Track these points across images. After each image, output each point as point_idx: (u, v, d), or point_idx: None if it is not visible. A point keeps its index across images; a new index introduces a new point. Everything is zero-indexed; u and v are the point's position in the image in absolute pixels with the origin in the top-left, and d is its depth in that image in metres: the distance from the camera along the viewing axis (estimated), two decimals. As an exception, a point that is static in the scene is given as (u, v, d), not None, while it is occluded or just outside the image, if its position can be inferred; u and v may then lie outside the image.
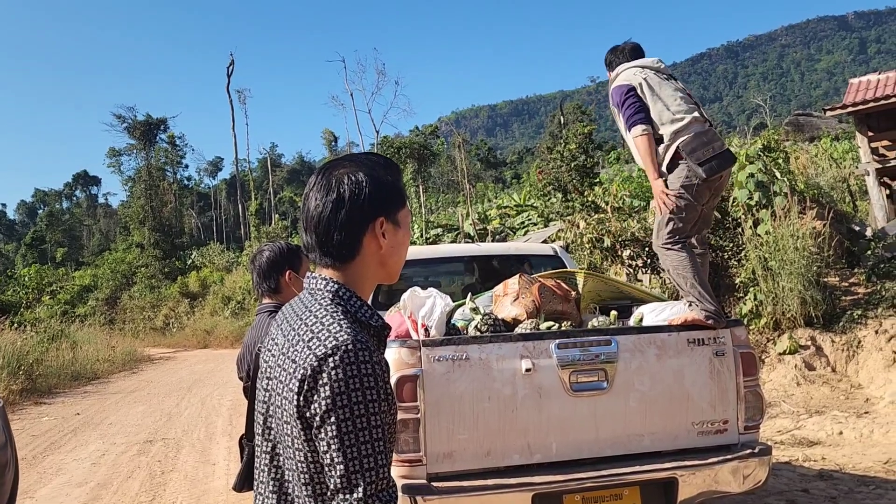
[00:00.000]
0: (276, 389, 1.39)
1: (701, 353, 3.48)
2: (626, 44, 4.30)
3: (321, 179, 1.48)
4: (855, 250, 10.59)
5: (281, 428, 1.38)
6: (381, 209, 1.47)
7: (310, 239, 1.48)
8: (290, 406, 1.33)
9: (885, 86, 15.92)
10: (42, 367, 14.95)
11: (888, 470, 5.52)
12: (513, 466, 3.26)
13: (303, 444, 1.33)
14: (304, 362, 1.32)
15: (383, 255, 1.49)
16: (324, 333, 1.35)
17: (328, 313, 1.40)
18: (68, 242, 73.02)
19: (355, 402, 1.30)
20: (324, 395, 1.29)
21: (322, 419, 1.29)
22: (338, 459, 1.28)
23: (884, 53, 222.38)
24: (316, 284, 1.47)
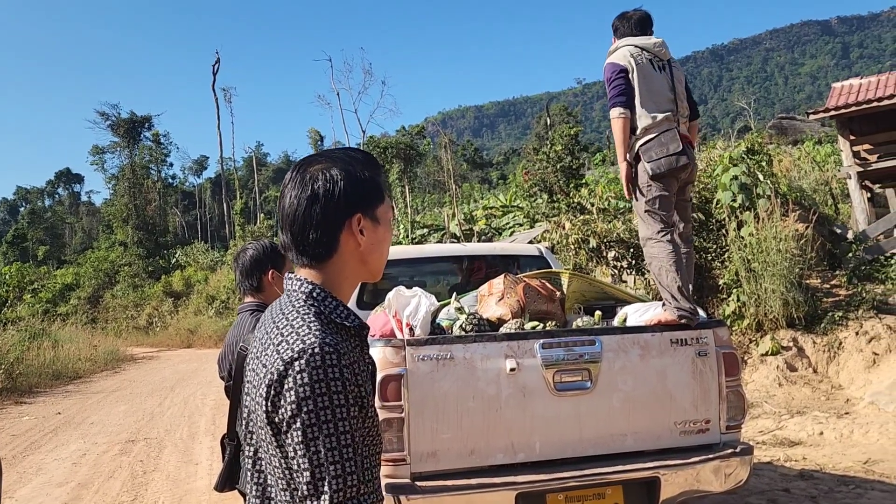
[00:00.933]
0: (252, 394, 1.36)
1: (684, 353, 3.50)
2: (635, 12, 4.30)
3: (296, 176, 1.44)
4: (836, 253, 10.70)
5: (258, 432, 1.35)
6: (358, 205, 1.43)
7: (286, 238, 1.44)
8: (261, 411, 1.30)
9: (868, 90, 16.10)
10: (23, 366, 14.80)
11: (867, 470, 5.58)
12: (496, 466, 3.26)
13: (276, 449, 1.30)
14: (272, 367, 1.29)
15: (363, 252, 1.46)
16: (292, 337, 1.32)
17: (299, 315, 1.37)
18: (50, 240, 72.23)
19: (321, 408, 1.26)
20: (289, 400, 1.26)
21: (288, 424, 1.26)
22: (304, 465, 1.25)
23: (866, 58, 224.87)
24: (292, 286, 1.44)
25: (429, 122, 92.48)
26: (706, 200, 10.36)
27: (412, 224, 22.61)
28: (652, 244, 3.91)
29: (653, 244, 3.91)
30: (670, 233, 3.93)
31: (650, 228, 3.92)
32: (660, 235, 3.89)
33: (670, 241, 3.88)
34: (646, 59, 4.05)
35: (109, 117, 55.11)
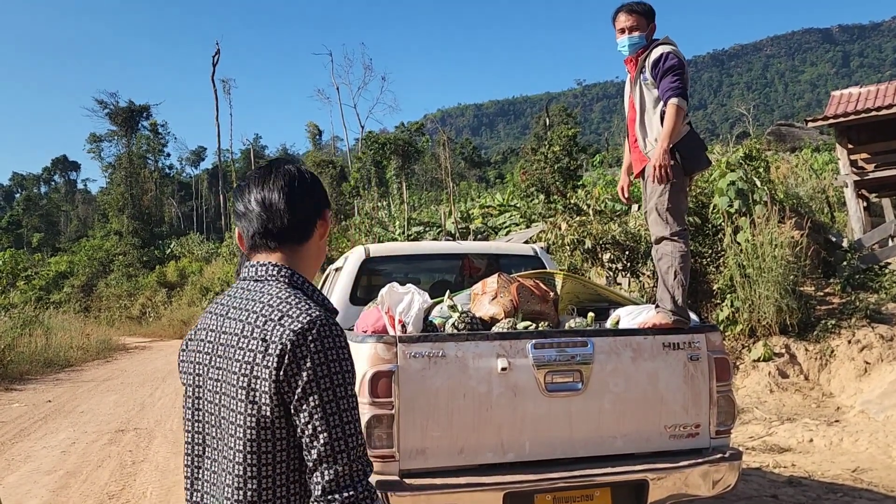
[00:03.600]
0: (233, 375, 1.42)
1: (676, 356, 3.50)
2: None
3: (272, 171, 1.57)
4: (831, 260, 10.72)
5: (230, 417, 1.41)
6: (327, 201, 1.62)
7: (259, 224, 1.54)
8: (265, 384, 1.36)
9: (867, 99, 16.13)
10: (14, 353, 14.75)
11: (856, 478, 5.59)
12: (486, 465, 3.26)
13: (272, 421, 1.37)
14: (282, 338, 1.36)
15: (321, 245, 1.62)
16: (295, 311, 1.40)
17: (291, 294, 1.46)
18: (45, 228, 72.02)
19: (335, 373, 1.36)
20: (305, 368, 1.34)
21: (304, 391, 1.34)
22: (321, 428, 1.33)
23: (866, 67, 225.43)
24: (267, 271, 1.52)
25: (428, 119, 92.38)
26: (703, 205, 10.36)
27: (408, 221, 22.58)
28: (667, 243, 3.92)
29: (667, 243, 3.91)
30: (686, 234, 3.94)
31: (667, 228, 3.90)
32: (677, 236, 3.89)
33: (686, 242, 3.90)
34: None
35: (107, 105, 54.95)
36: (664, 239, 3.92)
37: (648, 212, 4.05)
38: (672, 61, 3.92)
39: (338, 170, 40.86)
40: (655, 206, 3.95)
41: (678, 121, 3.84)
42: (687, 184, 4.07)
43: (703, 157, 4.07)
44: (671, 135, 3.83)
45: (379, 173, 36.78)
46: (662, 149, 3.82)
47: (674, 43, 4.08)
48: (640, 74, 4.10)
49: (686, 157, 3.92)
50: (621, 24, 4.17)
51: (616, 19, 4.21)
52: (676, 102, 3.83)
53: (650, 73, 4.01)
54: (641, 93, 4.10)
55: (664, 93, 3.90)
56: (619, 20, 4.19)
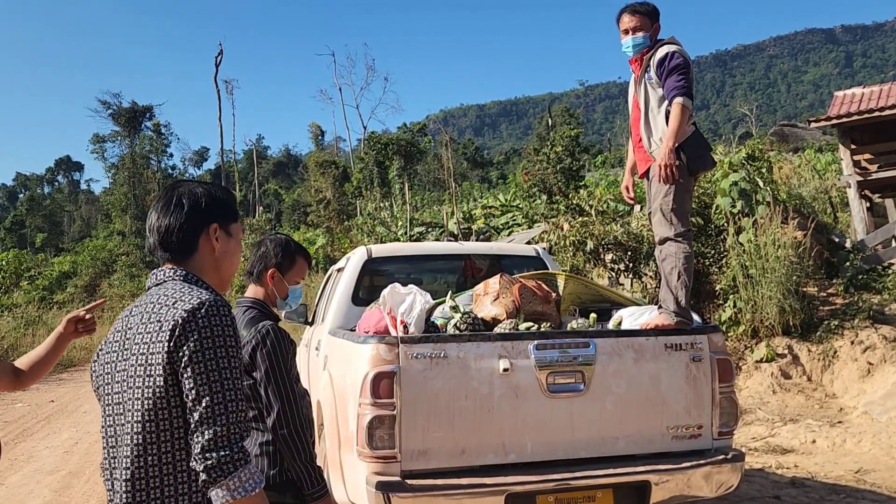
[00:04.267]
0: (134, 360, 1.59)
1: (678, 357, 3.49)
2: None
3: (168, 191, 1.80)
4: (834, 261, 10.69)
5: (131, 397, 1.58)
6: (215, 217, 1.79)
7: (154, 239, 1.76)
8: (159, 356, 1.54)
9: (870, 100, 16.10)
10: (17, 353, 14.77)
11: (859, 479, 5.58)
12: (487, 466, 3.26)
13: (166, 389, 1.54)
14: (174, 317, 1.56)
15: (217, 258, 1.79)
16: (187, 296, 1.61)
17: (185, 286, 1.66)
18: (48, 228, 72.00)
19: (219, 346, 1.55)
20: (193, 339, 1.53)
21: (190, 359, 1.52)
22: (203, 393, 1.51)
23: (869, 68, 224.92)
24: (165, 274, 1.73)
25: (430, 119, 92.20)
26: (705, 205, 10.34)
27: (411, 221, 22.58)
28: (671, 243, 3.90)
29: (671, 244, 3.90)
30: (690, 235, 3.92)
31: (671, 228, 3.89)
32: (681, 237, 3.88)
33: (689, 243, 3.89)
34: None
35: (111, 106, 54.99)
36: (668, 240, 3.91)
37: (653, 212, 4.03)
38: (677, 60, 3.91)
39: (340, 170, 40.81)
40: (660, 206, 3.92)
41: (684, 120, 3.82)
42: (692, 184, 4.06)
43: (708, 157, 4.06)
44: (676, 134, 3.81)
45: (381, 174, 36.80)
46: (668, 148, 3.80)
47: (679, 43, 4.06)
48: (644, 74, 4.08)
49: (691, 157, 3.91)
50: (625, 25, 4.16)
51: (620, 20, 4.20)
52: (682, 102, 3.81)
53: (655, 72, 3.99)
54: (646, 92, 4.08)
55: (669, 92, 3.89)
56: (623, 21, 4.18)
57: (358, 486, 3.20)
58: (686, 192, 3.95)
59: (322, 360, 4.41)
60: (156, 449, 1.55)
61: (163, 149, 64.08)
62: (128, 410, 1.59)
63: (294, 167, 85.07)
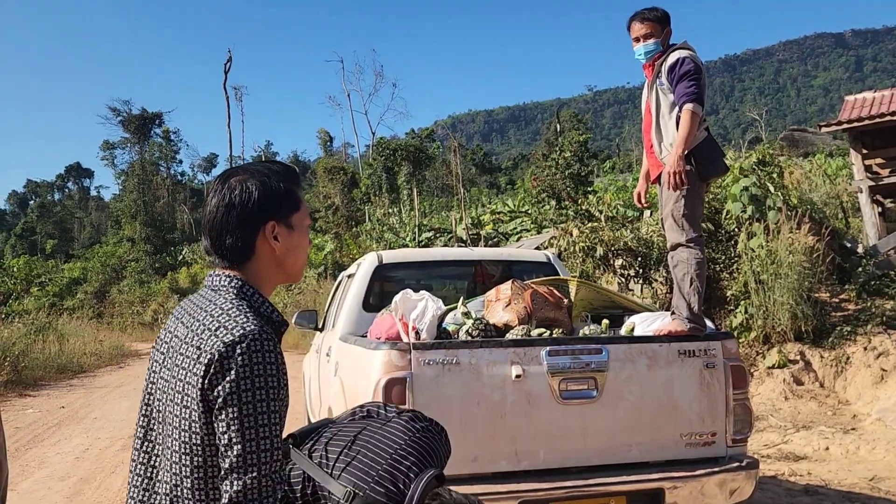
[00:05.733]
0: (174, 378, 1.47)
1: (691, 364, 3.47)
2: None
3: (217, 185, 1.59)
4: (846, 267, 10.62)
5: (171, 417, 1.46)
6: (272, 214, 1.57)
7: (207, 242, 1.59)
8: (194, 390, 1.41)
9: (881, 104, 16.00)
10: (28, 359, 14.85)
11: (873, 487, 5.53)
12: (500, 473, 3.24)
13: (200, 427, 1.41)
14: (212, 348, 1.41)
15: (279, 257, 1.60)
16: (230, 323, 1.44)
17: (234, 306, 1.49)
18: (59, 234, 72.43)
19: (258, 388, 1.39)
20: (229, 379, 1.38)
21: (225, 401, 1.38)
22: (236, 440, 1.36)
23: (880, 72, 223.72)
24: (220, 281, 1.56)
25: (439, 125, 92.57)
26: (716, 211, 10.31)
27: (419, 227, 22.60)
28: (682, 249, 3.87)
29: (683, 249, 3.87)
30: (701, 241, 3.90)
31: (683, 234, 3.86)
32: (692, 243, 3.86)
33: (701, 249, 3.86)
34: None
35: (120, 113, 55.33)
36: (680, 245, 3.89)
37: (664, 218, 4.01)
38: (688, 66, 3.89)
39: (349, 176, 40.91)
40: (671, 212, 3.90)
41: (693, 126, 3.80)
42: (703, 190, 4.04)
43: (720, 163, 4.03)
44: (686, 140, 3.79)
45: (390, 179, 36.86)
46: (677, 154, 3.78)
47: (692, 48, 4.05)
48: (656, 79, 4.06)
49: (702, 163, 3.89)
50: (636, 32, 4.15)
51: (631, 28, 4.19)
52: (691, 108, 3.79)
53: (666, 77, 3.98)
54: (658, 97, 4.06)
55: (679, 98, 3.87)
56: (634, 29, 4.17)
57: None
58: (697, 198, 3.93)
59: (333, 366, 4.40)
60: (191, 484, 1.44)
61: (172, 155, 64.48)
62: (168, 435, 1.48)
63: (303, 173, 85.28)
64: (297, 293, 25.11)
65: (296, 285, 26.17)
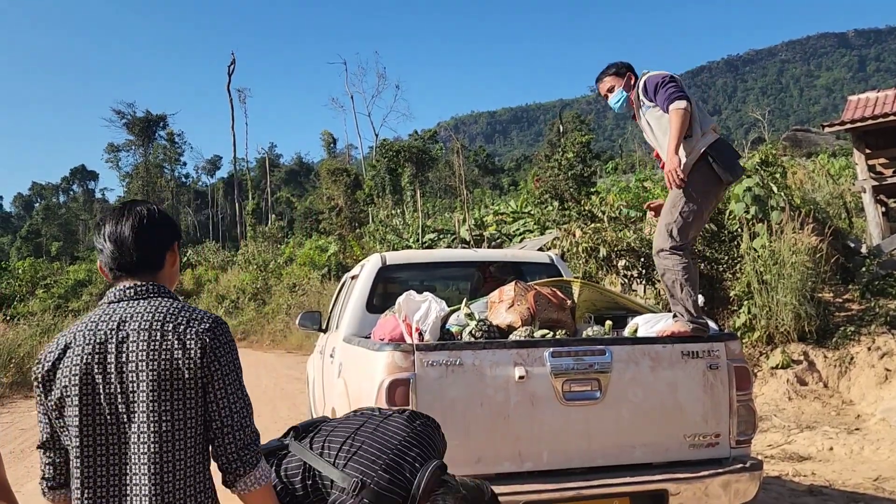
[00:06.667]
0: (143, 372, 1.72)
1: (695, 365, 3.47)
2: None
3: (128, 210, 1.88)
4: (850, 267, 10.61)
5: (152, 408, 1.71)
6: (176, 235, 1.97)
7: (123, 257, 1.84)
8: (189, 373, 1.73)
9: (884, 104, 15.97)
10: (33, 361, 14.79)
11: (877, 487, 5.52)
12: (503, 474, 3.25)
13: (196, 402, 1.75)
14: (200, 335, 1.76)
15: (174, 271, 1.97)
16: (196, 314, 1.81)
17: (180, 302, 1.84)
18: (64, 236, 72.64)
19: (235, 360, 1.82)
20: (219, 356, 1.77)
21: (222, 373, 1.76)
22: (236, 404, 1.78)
23: (883, 71, 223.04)
24: (146, 290, 1.84)
25: (441, 126, 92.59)
26: (719, 211, 10.30)
27: (422, 228, 22.61)
28: (665, 255, 3.87)
29: (666, 256, 3.86)
30: (687, 248, 3.89)
31: (668, 241, 3.86)
32: (675, 248, 3.84)
33: (686, 254, 3.85)
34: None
35: (125, 116, 55.62)
36: (662, 251, 3.89)
37: (659, 221, 4.04)
38: (657, 79, 3.99)
39: (352, 178, 40.91)
40: (667, 219, 3.92)
41: (683, 122, 3.81)
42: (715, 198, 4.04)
43: (737, 165, 4.02)
44: (678, 137, 3.81)
45: (393, 181, 36.88)
46: (670, 151, 3.81)
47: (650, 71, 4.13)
48: (640, 108, 4.16)
49: (721, 163, 3.88)
50: (602, 91, 4.37)
51: (599, 88, 4.40)
52: (676, 106, 3.83)
53: (645, 98, 4.08)
54: (649, 122, 4.14)
55: (663, 104, 3.92)
56: (600, 88, 4.39)
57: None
58: (700, 207, 3.88)
59: (337, 367, 4.41)
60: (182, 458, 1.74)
61: (176, 157, 64.71)
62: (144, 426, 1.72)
63: (306, 175, 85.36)
64: (300, 295, 25.16)
65: (299, 287, 26.22)
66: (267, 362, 19.30)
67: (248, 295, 30.12)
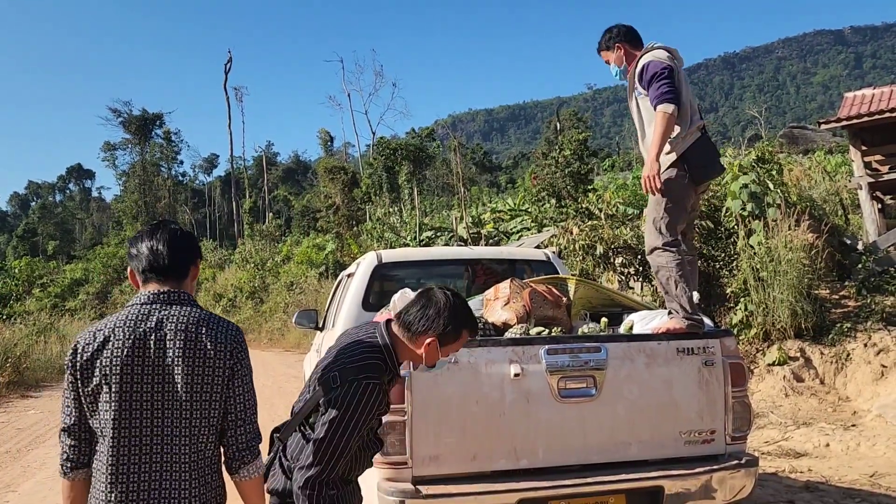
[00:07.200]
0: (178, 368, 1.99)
1: (690, 362, 3.47)
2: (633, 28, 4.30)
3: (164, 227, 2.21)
4: (846, 263, 10.62)
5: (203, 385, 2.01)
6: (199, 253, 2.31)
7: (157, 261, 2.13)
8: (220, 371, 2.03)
9: (880, 100, 15.98)
10: (30, 360, 14.87)
11: (874, 483, 5.54)
12: (499, 471, 3.24)
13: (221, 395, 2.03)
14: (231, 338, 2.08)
15: (193, 284, 2.26)
16: (224, 321, 2.12)
17: (206, 311, 2.13)
18: (60, 235, 72.49)
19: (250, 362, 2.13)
20: (240, 356, 2.08)
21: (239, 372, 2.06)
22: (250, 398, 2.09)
23: (879, 68, 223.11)
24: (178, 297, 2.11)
25: (439, 124, 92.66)
26: (715, 208, 10.30)
27: (420, 226, 22.60)
28: (659, 253, 3.86)
29: (659, 253, 3.86)
30: (679, 244, 3.88)
31: (660, 238, 3.85)
32: (668, 245, 3.84)
33: (678, 251, 3.84)
34: (679, 67, 4.02)
35: (121, 114, 55.46)
36: (656, 249, 3.87)
37: (646, 221, 4.02)
38: (653, 69, 3.89)
39: (349, 176, 40.86)
40: (652, 218, 3.91)
41: (667, 127, 3.76)
42: (692, 194, 3.99)
43: (714, 166, 3.99)
44: (660, 143, 3.76)
45: (390, 179, 36.83)
46: (650, 158, 3.78)
47: (658, 48, 4.03)
48: (633, 90, 4.10)
49: (695, 168, 3.86)
50: (604, 61, 4.34)
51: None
52: (663, 109, 3.77)
53: (640, 85, 4.00)
54: (638, 107, 4.08)
55: (652, 101, 3.88)
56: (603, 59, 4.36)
57: (369, 493, 3.19)
58: (682, 204, 3.88)
59: (333, 365, 4.40)
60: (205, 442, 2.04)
61: (173, 156, 64.56)
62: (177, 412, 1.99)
63: (303, 173, 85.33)
64: (298, 293, 25.15)
65: (297, 285, 26.22)
66: (265, 361, 19.28)
67: (246, 293, 30.11)
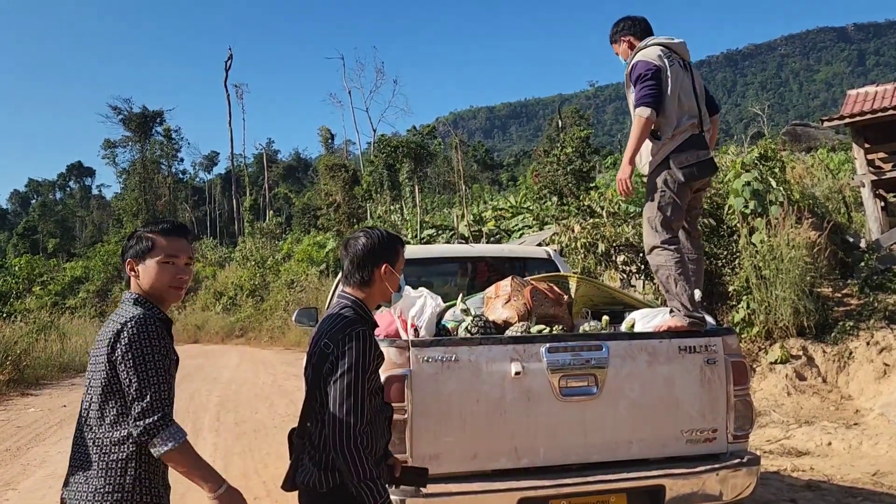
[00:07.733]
0: (95, 355, 2.24)
1: (692, 360, 3.45)
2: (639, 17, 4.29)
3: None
4: (849, 261, 10.59)
5: (97, 373, 2.21)
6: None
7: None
8: (103, 355, 2.20)
9: (883, 98, 15.93)
10: (30, 358, 14.85)
11: (876, 482, 5.51)
12: (500, 470, 3.23)
13: (109, 379, 2.18)
14: (114, 327, 2.22)
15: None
16: (124, 314, 2.26)
17: (128, 308, 2.31)
18: (60, 233, 72.45)
19: (143, 345, 2.18)
20: (123, 343, 2.17)
21: (121, 357, 2.16)
22: (133, 379, 2.15)
23: (882, 66, 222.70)
24: (123, 296, 2.39)
25: (440, 122, 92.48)
26: (717, 206, 10.27)
27: (421, 224, 22.58)
28: (658, 252, 3.85)
29: (659, 252, 3.84)
30: (677, 241, 3.87)
31: (657, 237, 3.85)
32: (666, 244, 3.82)
33: (677, 249, 3.82)
34: (676, 60, 3.99)
35: (121, 112, 55.43)
36: (655, 248, 3.87)
37: (642, 221, 4.02)
38: (639, 70, 3.91)
39: (350, 173, 40.82)
40: (647, 217, 3.91)
41: (643, 131, 3.80)
42: (688, 193, 3.97)
43: (705, 165, 3.93)
44: (633, 147, 3.82)
45: (391, 177, 36.83)
46: (624, 161, 3.85)
47: (657, 44, 4.03)
48: (628, 87, 4.11)
49: (683, 168, 3.84)
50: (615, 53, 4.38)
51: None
52: (639, 113, 3.81)
53: (630, 81, 4.04)
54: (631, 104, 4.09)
55: (633, 103, 3.91)
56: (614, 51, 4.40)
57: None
58: (673, 202, 3.85)
59: (332, 363, 4.38)
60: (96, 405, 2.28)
61: (173, 153, 64.49)
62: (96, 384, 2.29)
63: (304, 171, 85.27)
64: (298, 291, 25.13)
65: (297, 283, 26.20)
66: (265, 359, 19.31)
67: (246, 291, 30.11)
